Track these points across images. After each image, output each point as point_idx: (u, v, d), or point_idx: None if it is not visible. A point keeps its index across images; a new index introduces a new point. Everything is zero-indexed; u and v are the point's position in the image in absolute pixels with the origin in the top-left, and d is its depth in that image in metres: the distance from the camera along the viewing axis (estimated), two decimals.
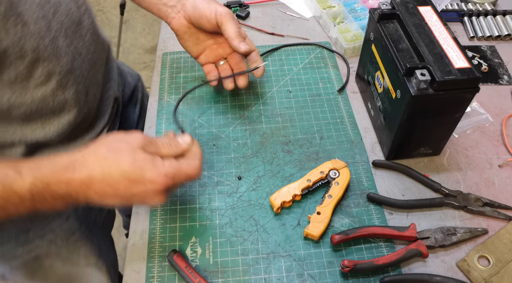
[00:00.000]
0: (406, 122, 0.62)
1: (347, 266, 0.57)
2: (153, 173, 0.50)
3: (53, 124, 0.61)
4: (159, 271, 0.59)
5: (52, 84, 0.58)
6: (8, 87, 0.53)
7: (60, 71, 0.58)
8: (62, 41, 0.58)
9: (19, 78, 0.54)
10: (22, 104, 0.56)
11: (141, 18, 2.57)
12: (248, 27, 0.94)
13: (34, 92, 0.57)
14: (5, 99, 0.54)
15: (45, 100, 0.58)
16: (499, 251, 0.60)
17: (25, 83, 0.55)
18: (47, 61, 0.56)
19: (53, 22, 0.57)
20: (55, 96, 0.59)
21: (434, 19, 0.66)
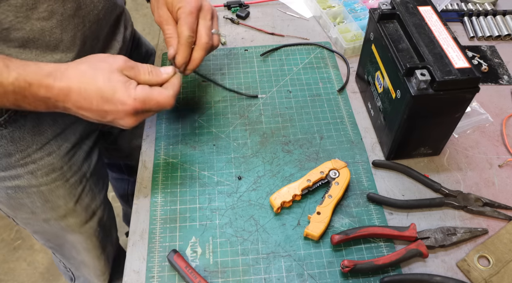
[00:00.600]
0: (406, 122, 0.62)
1: (347, 266, 0.57)
2: (123, 94, 0.55)
3: (46, 58, 0.63)
4: (159, 271, 0.59)
5: (52, 21, 0.60)
6: (14, 11, 0.56)
7: (62, 12, 0.61)
8: None
9: (24, 6, 0.56)
10: (21, 29, 0.58)
11: (141, 18, 2.57)
12: (248, 27, 0.94)
13: (35, 23, 0.59)
14: (7, 20, 0.57)
15: (43, 33, 0.61)
16: (499, 251, 0.60)
17: (29, 13, 0.57)
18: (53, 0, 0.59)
19: None
20: (52, 33, 0.62)
21: (434, 19, 0.66)
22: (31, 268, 1.57)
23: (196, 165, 0.70)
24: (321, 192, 0.67)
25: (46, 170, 0.74)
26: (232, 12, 0.98)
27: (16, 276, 1.55)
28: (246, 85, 0.82)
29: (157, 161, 0.71)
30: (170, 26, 0.68)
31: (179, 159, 0.71)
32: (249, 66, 0.85)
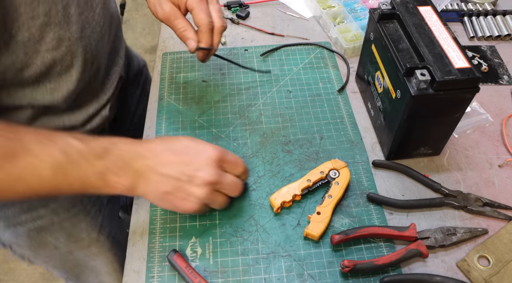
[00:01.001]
0: (406, 122, 0.62)
1: (347, 266, 0.57)
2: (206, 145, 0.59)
3: (61, 90, 0.62)
4: (159, 271, 0.59)
5: (62, 49, 0.59)
6: (22, 47, 0.55)
7: (69, 37, 0.59)
8: (74, 9, 0.59)
9: (31, 39, 0.55)
10: (32, 64, 0.57)
11: (141, 18, 2.58)
12: (248, 27, 0.94)
13: (45, 56, 0.58)
14: (18, 59, 0.56)
15: (55, 63, 0.59)
16: (499, 251, 0.60)
17: (37, 46, 0.56)
18: (58, 26, 0.57)
19: None
20: (64, 61, 0.60)
21: (434, 19, 0.66)
22: (31, 268, 1.57)
23: None
24: (321, 192, 0.67)
25: (67, 206, 0.73)
26: (232, 12, 0.98)
27: (16, 276, 1.55)
28: (246, 85, 0.82)
29: None
30: (180, 19, 0.67)
31: None
32: (249, 66, 0.85)
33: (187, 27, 0.67)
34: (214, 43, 0.68)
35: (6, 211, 0.70)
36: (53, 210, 0.73)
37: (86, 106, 0.70)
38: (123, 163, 0.53)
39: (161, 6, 0.67)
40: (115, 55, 0.77)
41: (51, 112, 0.65)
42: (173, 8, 0.67)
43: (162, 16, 0.68)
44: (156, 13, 0.69)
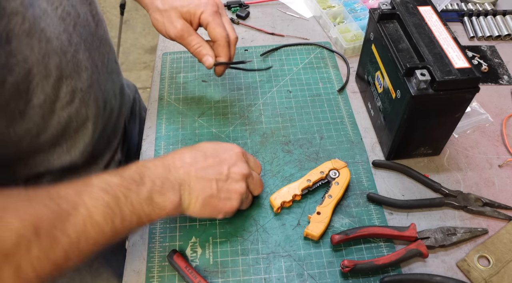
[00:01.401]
0: (406, 122, 0.62)
1: (347, 266, 0.57)
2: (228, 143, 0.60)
3: (78, 146, 0.60)
4: (159, 271, 0.59)
5: (76, 103, 0.56)
6: (38, 111, 0.51)
7: (81, 87, 0.56)
8: (82, 55, 0.56)
9: (47, 100, 0.51)
10: (48, 127, 0.54)
11: (141, 18, 2.58)
12: (248, 27, 0.94)
13: (61, 114, 0.54)
14: (35, 123, 0.52)
15: (70, 120, 0.56)
16: (499, 251, 0.60)
17: (53, 106, 0.53)
18: (69, 78, 0.54)
19: (74, 35, 0.55)
20: (79, 114, 0.57)
21: (434, 19, 0.66)
22: None
23: None
24: (321, 192, 0.67)
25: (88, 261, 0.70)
26: (232, 12, 0.98)
27: None
28: (246, 85, 0.82)
29: None
30: (194, 36, 0.66)
31: None
32: (249, 66, 0.85)
33: (201, 43, 0.66)
34: (231, 56, 0.68)
35: None
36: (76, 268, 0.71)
37: (102, 156, 0.68)
38: (162, 180, 0.51)
39: (173, 23, 0.65)
40: (123, 92, 0.74)
41: (69, 173, 0.63)
42: (185, 24, 0.66)
43: (175, 34, 0.66)
44: (167, 32, 0.66)
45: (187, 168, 0.54)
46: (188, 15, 0.66)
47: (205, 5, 0.65)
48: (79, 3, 0.57)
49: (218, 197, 0.55)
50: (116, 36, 2.08)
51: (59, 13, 0.52)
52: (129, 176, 0.49)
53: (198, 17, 0.66)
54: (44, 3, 0.50)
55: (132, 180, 0.49)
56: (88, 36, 0.58)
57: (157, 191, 0.50)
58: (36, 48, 0.48)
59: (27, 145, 0.53)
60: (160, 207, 0.51)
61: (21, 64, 0.46)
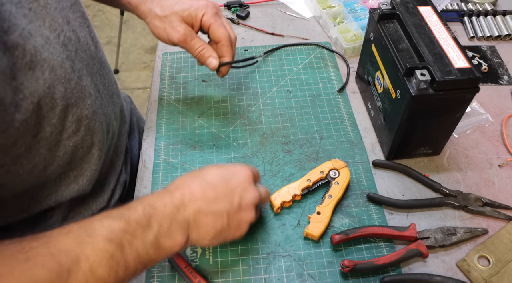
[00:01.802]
0: (406, 122, 0.62)
1: (347, 266, 0.57)
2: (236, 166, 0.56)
3: (85, 174, 0.58)
4: (159, 271, 0.59)
5: (82, 131, 0.54)
6: (45, 144, 0.49)
7: (87, 114, 0.54)
8: (85, 80, 0.54)
9: (54, 132, 0.49)
10: (55, 159, 0.52)
11: None
12: (248, 27, 0.94)
13: (67, 144, 0.52)
14: (41, 158, 0.49)
15: (76, 149, 0.54)
16: (499, 251, 0.60)
17: (59, 137, 0.51)
18: (75, 106, 0.51)
19: (76, 61, 0.53)
20: (84, 142, 0.55)
21: (434, 19, 0.66)
22: None
23: (196, 165, 0.70)
24: (321, 192, 0.67)
25: None
26: (232, 12, 0.98)
27: None
28: (246, 85, 0.82)
29: (157, 161, 0.71)
30: (197, 39, 0.66)
31: (179, 159, 0.71)
32: (249, 66, 0.85)
33: (204, 46, 0.66)
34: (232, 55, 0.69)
35: None
36: None
37: (108, 180, 0.67)
38: (170, 222, 0.49)
39: (175, 28, 0.65)
40: (123, 113, 0.73)
41: (78, 205, 0.62)
42: (187, 28, 0.65)
43: (179, 39, 0.65)
44: (169, 37, 0.65)
45: (197, 205, 0.51)
46: (189, 18, 0.65)
47: (205, 7, 0.66)
48: (79, 27, 0.56)
49: (228, 229, 0.53)
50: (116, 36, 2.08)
51: (61, 40, 0.50)
52: (135, 220, 0.47)
53: (200, 19, 0.66)
54: (47, 31, 0.48)
55: (138, 225, 0.46)
56: (89, 60, 0.57)
57: (164, 235, 0.48)
58: (41, 80, 0.45)
59: (34, 179, 0.51)
60: (167, 250, 0.49)
61: (29, 98, 0.44)
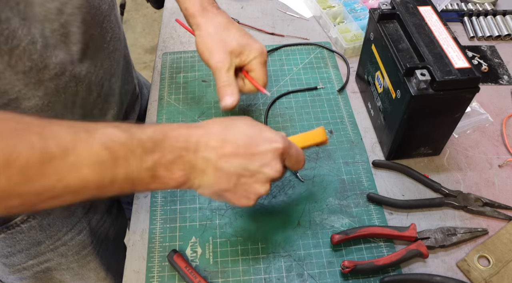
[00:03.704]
0: (406, 122, 0.62)
1: (347, 267, 0.57)
2: (271, 132, 0.50)
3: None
4: (159, 271, 0.59)
5: (66, 75, 0.54)
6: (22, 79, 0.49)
7: (72, 60, 0.53)
8: (75, 28, 0.53)
9: (34, 68, 0.49)
10: (33, 96, 0.52)
11: (141, 18, 2.58)
12: (248, 27, 0.94)
13: (48, 85, 0.52)
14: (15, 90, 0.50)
15: (58, 92, 0.54)
16: (499, 251, 0.60)
17: (40, 75, 0.51)
18: (57, 48, 0.51)
19: (69, 5, 0.51)
20: (68, 88, 0.54)
21: (434, 19, 0.66)
22: None
23: None
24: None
25: (77, 249, 0.72)
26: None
27: None
28: None
29: None
30: (230, 73, 0.65)
31: None
32: None
33: (231, 83, 0.65)
34: None
35: (12, 258, 0.68)
36: (62, 254, 0.70)
37: None
38: (175, 157, 0.45)
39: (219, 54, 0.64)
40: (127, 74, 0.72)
41: None
42: (228, 60, 0.64)
43: (214, 65, 0.65)
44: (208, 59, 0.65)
45: (208, 153, 0.47)
46: (241, 55, 0.65)
47: (258, 53, 0.65)
48: None
49: (233, 192, 0.49)
50: None
51: None
52: (139, 139, 0.44)
53: (248, 61, 0.65)
54: None
55: (140, 145, 0.43)
56: (90, 9, 0.56)
57: (164, 166, 0.45)
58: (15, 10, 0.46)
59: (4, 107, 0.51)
60: (162, 182, 0.45)
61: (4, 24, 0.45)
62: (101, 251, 0.76)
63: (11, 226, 0.63)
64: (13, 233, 0.64)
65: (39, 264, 0.70)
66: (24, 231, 0.64)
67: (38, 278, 0.73)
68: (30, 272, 0.71)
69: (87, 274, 0.76)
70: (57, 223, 0.67)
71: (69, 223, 0.68)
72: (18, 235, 0.64)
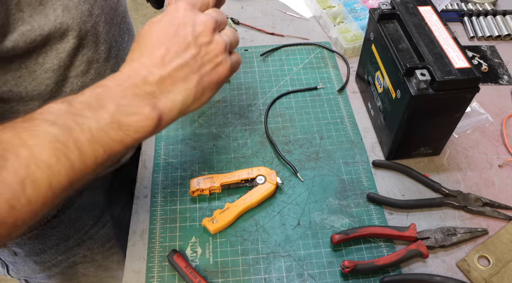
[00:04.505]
0: (406, 122, 0.62)
1: (347, 267, 0.57)
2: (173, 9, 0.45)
3: None
4: (159, 271, 0.59)
5: (91, 73, 0.56)
6: (52, 77, 0.52)
7: (98, 59, 0.57)
8: (102, 27, 0.56)
9: (62, 66, 0.52)
10: (60, 93, 0.54)
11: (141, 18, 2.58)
12: (248, 27, 0.94)
13: (74, 82, 0.55)
14: (48, 89, 0.52)
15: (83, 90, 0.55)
16: (499, 251, 0.60)
17: (67, 72, 0.54)
18: (86, 48, 0.54)
19: (95, 6, 0.55)
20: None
21: (434, 19, 0.66)
22: None
23: (196, 165, 0.70)
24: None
25: (101, 241, 0.73)
26: None
27: None
28: (246, 85, 0.82)
29: (157, 161, 0.71)
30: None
31: (179, 159, 0.71)
32: (249, 66, 0.85)
33: None
34: None
35: (42, 255, 0.69)
36: (88, 248, 0.72)
37: None
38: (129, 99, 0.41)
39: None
40: None
41: None
42: None
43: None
44: None
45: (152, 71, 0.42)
46: None
47: None
48: None
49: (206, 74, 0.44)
50: None
51: None
52: (79, 101, 0.39)
53: None
54: None
55: (84, 106, 0.39)
56: (109, 10, 0.59)
57: (125, 113, 0.40)
58: (51, 16, 0.48)
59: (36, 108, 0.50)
60: (135, 129, 0.40)
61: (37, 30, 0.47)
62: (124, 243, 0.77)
63: (42, 222, 0.64)
64: (44, 228, 0.65)
65: (67, 259, 0.72)
66: (55, 226, 0.66)
67: (65, 274, 0.75)
68: (58, 269, 0.73)
69: (110, 265, 0.78)
70: (83, 216, 0.68)
71: (94, 216, 0.70)
72: (49, 230, 0.66)
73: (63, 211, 0.65)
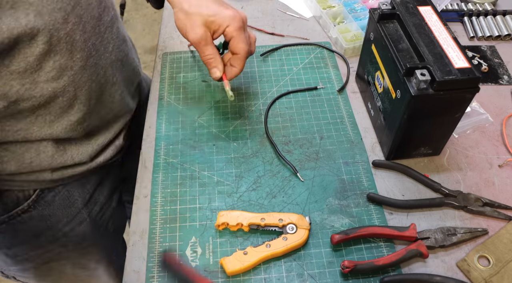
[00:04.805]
0: (406, 122, 0.62)
1: (347, 267, 0.57)
2: None
3: (61, 122, 0.60)
4: (159, 271, 0.59)
5: (63, 80, 0.56)
6: (17, 78, 0.52)
7: (72, 66, 0.56)
8: (79, 36, 0.56)
9: (28, 70, 0.52)
10: (30, 97, 0.54)
11: (141, 18, 2.58)
12: (248, 27, 0.94)
13: (44, 87, 0.55)
14: (13, 90, 0.53)
15: (55, 95, 0.56)
16: (499, 251, 0.60)
17: (35, 76, 0.54)
18: (59, 54, 0.54)
19: (72, 15, 0.55)
20: (66, 92, 0.57)
21: (434, 19, 0.66)
22: None
23: (196, 165, 0.70)
24: (273, 234, 0.62)
25: (77, 239, 0.72)
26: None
27: None
28: (246, 85, 0.82)
29: (157, 161, 0.71)
30: (210, 46, 0.67)
31: (179, 159, 0.71)
32: (249, 66, 0.85)
33: (214, 55, 0.68)
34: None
35: (14, 249, 0.69)
36: (63, 245, 0.72)
37: (96, 136, 0.68)
38: None
39: (194, 29, 0.66)
40: (130, 83, 0.74)
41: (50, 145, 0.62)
42: (206, 33, 0.66)
43: (193, 40, 0.66)
44: (187, 35, 0.67)
45: None
46: (213, 25, 0.66)
47: (231, 19, 0.66)
48: None
49: None
50: None
51: None
52: None
53: (223, 29, 0.66)
54: None
55: None
56: (90, 19, 0.58)
57: None
58: (22, 20, 0.48)
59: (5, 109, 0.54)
60: None
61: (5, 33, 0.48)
62: (101, 242, 0.77)
63: (12, 216, 0.64)
64: (14, 223, 0.65)
65: (40, 255, 0.71)
66: (25, 221, 0.65)
67: (39, 269, 0.74)
68: (32, 263, 0.72)
69: (87, 264, 0.78)
70: (57, 213, 0.67)
71: (70, 214, 0.69)
72: (19, 225, 0.65)
73: (34, 207, 0.65)
